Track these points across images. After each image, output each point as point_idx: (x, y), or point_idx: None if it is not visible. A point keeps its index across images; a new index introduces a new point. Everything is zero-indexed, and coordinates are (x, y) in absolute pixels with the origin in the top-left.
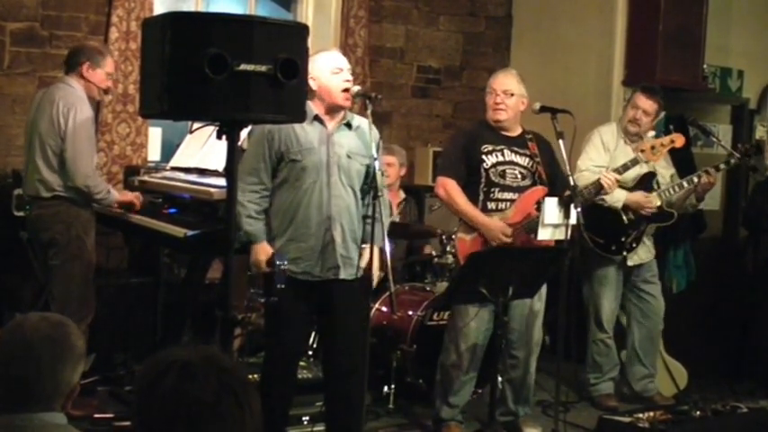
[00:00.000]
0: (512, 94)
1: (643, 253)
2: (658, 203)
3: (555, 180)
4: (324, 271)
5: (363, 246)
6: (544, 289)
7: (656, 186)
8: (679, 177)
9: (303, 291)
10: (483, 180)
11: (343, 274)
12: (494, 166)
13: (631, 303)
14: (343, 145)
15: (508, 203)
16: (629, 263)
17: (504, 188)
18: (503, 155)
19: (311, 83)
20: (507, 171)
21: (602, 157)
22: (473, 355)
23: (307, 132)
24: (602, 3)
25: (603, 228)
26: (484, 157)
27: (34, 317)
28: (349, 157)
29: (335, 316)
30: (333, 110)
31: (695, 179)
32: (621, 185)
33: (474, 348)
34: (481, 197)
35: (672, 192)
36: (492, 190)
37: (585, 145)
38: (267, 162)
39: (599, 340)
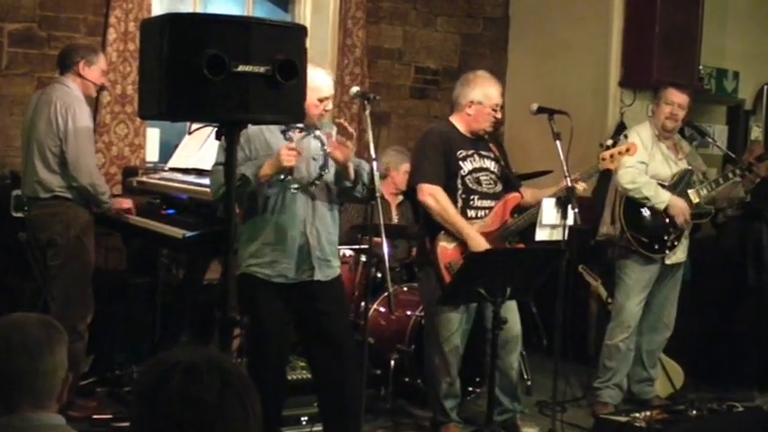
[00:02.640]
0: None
1: (680, 252)
2: (697, 201)
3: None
4: (299, 273)
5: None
6: None
7: (693, 184)
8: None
9: (280, 293)
10: (461, 187)
11: (318, 276)
12: (470, 172)
13: (651, 308)
14: (311, 147)
15: (487, 211)
16: (667, 261)
17: (483, 196)
18: (475, 160)
19: None
20: (482, 178)
21: (642, 154)
22: (456, 356)
23: (278, 138)
24: (598, 4)
25: (647, 227)
26: (461, 162)
27: (17, 314)
28: (314, 159)
29: (314, 317)
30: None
31: (730, 175)
32: (660, 183)
33: (456, 350)
34: (460, 204)
35: (709, 189)
36: (471, 197)
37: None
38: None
39: (612, 345)
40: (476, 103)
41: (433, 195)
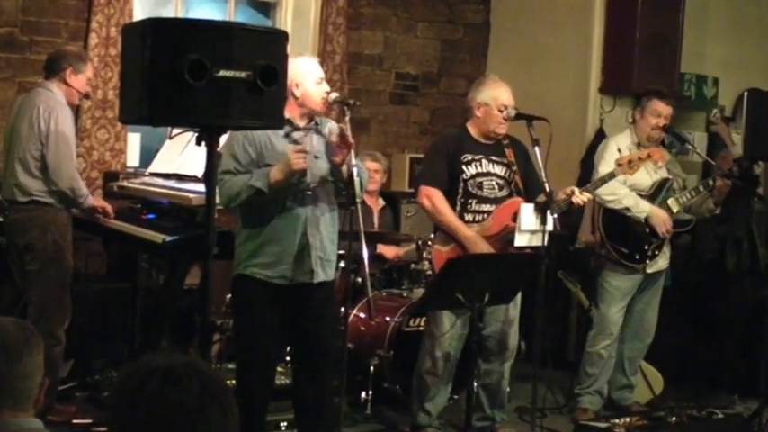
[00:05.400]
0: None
1: (662, 260)
2: (677, 209)
3: (530, 186)
4: (299, 275)
5: (341, 252)
6: (519, 295)
7: (672, 192)
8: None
9: (277, 296)
10: (461, 191)
11: (321, 277)
12: (472, 177)
13: (632, 315)
14: (314, 145)
15: (485, 215)
16: (649, 270)
17: (482, 200)
18: (481, 165)
19: (294, 89)
20: (484, 183)
21: None
22: (447, 361)
23: (279, 138)
24: (579, 10)
25: (627, 237)
26: (464, 167)
27: None
28: (317, 157)
29: (306, 319)
30: (309, 115)
31: (710, 182)
32: (639, 193)
33: (448, 355)
34: (458, 208)
35: (689, 197)
36: (470, 201)
37: (602, 153)
38: (241, 164)
39: (594, 352)
40: (483, 105)
41: (428, 197)
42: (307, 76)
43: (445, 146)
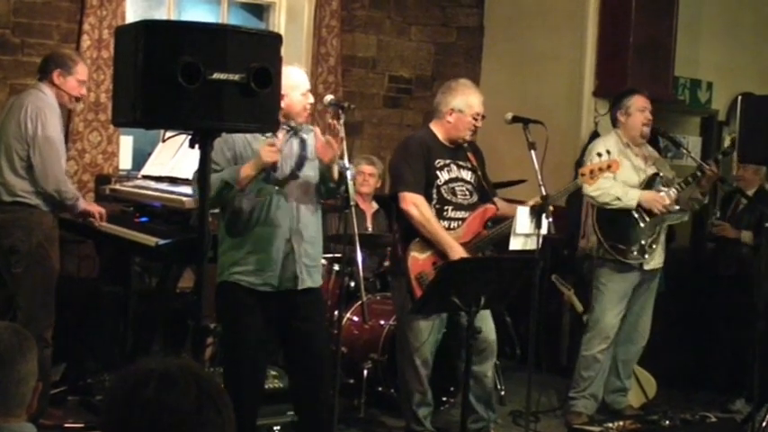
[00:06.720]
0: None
1: (658, 257)
2: (667, 202)
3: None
4: (284, 282)
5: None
6: None
7: (662, 186)
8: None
9: (263, 302)
10: (435, 197)
11: (308, 283)
12: (446, 183)
13: (627, 318)
14: (293, 148)
15: (460, 222)
16: (647, 267)
17: (457, 207)
18: (452, 170)
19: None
20: (457, 189)
21: None
22: (427, 367)
23: (258, 141)
24: (573, 14)
25: (622, 234)
26: (438, 172)
27: None
28: (300, 167)
29: (296, 324)
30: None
31: (698, 173)
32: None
33: (427, 361)
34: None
35: (678, 190)
36: (445, 208)
37: (591, 156)
38: (217, 164)
39: (590, 355)
40: (456, 111)
41: (415, 205)
42: (295, 88)
43: (420, 150)
